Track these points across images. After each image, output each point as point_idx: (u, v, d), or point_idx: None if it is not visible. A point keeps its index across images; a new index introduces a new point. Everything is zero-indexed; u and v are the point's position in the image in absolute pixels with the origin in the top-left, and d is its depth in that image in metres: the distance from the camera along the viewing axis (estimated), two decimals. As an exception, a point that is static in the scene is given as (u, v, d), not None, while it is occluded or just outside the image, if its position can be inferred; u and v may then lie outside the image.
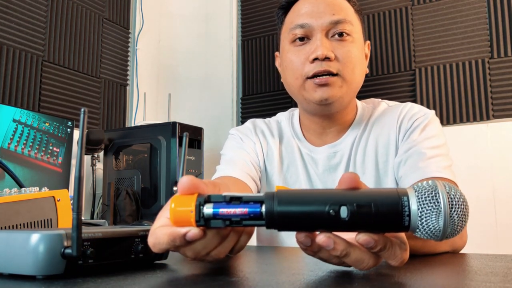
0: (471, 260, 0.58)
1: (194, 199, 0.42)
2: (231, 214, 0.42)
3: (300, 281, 0.41)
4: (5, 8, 2.02)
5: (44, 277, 0.40)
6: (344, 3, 0.94)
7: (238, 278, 0.41)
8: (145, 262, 0.50)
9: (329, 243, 0.41)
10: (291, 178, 0.99)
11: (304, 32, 0.91)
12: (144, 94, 2.75)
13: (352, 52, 0.90)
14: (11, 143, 1.78)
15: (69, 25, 2.32)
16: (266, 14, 2.72)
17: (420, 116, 0.94)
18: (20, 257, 0.40)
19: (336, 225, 0.41)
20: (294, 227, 0.42)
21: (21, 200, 0.67)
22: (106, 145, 2.21)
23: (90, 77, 2.43)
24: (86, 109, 0.40)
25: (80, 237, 0.40)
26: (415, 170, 0.85)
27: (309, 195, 0.42)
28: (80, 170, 0.41)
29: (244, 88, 2.74)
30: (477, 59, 2.14)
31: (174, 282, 0.40)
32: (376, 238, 0.41)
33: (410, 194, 0.41)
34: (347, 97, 0.92)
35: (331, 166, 0.97)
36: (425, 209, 0.40)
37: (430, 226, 0.40)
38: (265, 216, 0.41)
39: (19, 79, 2.06)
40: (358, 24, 0.95)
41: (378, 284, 0.39)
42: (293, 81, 0.93)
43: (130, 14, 2.75)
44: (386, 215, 0.40)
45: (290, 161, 1.00)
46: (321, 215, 0.40)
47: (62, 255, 0.40)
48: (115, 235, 0.46)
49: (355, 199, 0.41)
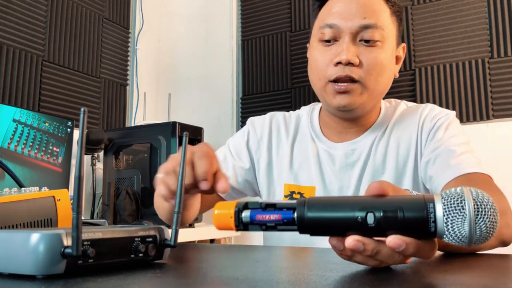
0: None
1: (233, 205, 0.47)
2: (266, 219, 0.45)
3: (300, 281, 0.41)
4: (5, 8, 2.02)
5: (44, 276, 0.40)
6: (380, 5, 0.90)
7: (238, 278, 0.41)
8: (145, 262, 0.50)
9: (358, 245, 0.43)
10: (303, 176, 0.98)
11: (332, 34, 0.89)
12: (144, 94, 2.75)
13: (379, 58, 0.88)
14: (11, 143, 1.78)
15: (69, 25, 2.32)
16: (266, 14, 2.72)
17: (442, 116, 0.93)
18: (20, 257, 0.40)
19: (364, 231, 0.43)
20: (324, 232, 0.45)
21: (21, 200, 0.67)
22: (106, 145, 2.21)
23: (90, 77, 2.43)
24: (86, 108, 0.40)
25: (80, 237, 0.40)
26: (447, 168, 0.84)
27: (337, 202, 0.45)
28: (80, 169, 0.41)
29: (244, 88, 2.74)
30: (477, 59, 2.14)
31: (174, 282, 0.40)
32: (408, 241, 0.42)
33: (436, 200, 0.42)
34: (369, 104, 0.91)
35: (348, 164, 0.95)
36: (450, 216, 0.41)
37: (456, 232, 0.41)
38: (297, 222, 0.45)
39: (19, 79, 2.06)
40: (391, 28, 0.91)
41: (377, 284, 0.39)
42: (316, 81, 0.93)
43: (130, 14, 2.75)
44: (412, 221, 0.41)
45: (304, 159, 0.99)
46: (349, 221, 0.43)
47: (62, 255, 0.40)
48: (115, 234, 0.46)
49: (382, 206, 0.42)
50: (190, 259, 0.60)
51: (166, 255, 0.53)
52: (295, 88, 2.56)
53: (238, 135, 1.08)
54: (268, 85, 2.66)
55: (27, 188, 0.71)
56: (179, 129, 2.05)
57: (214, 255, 0.65)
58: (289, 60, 2.61)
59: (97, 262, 0.44)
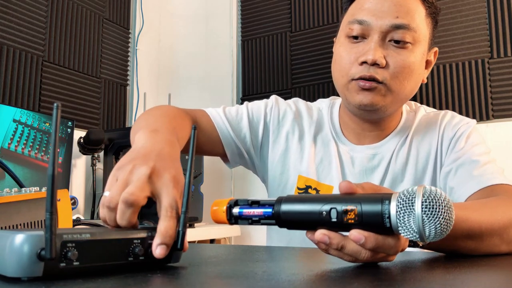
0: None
1: (227, 202, 0.53)
2: (251, 214, 0.51)
3: (300, 281, 0.41)
4: (5, 8, 2.02)
5: (28, 278, 0.39)
6: (415, 5, 0.85)
7: (238, 277, 0.42)
8: (150, 265, 0.47)
9: (324, 239, 0.47)
10: (323, 172, 0.94)
11: (361, 30, 0.85)
12: (144, 94, 2.75)
13: (407, 62, 0.84)
14: (11, 143, 1.78)
15: (69, 25, 2.32)
16: (266, 14, 2.72)
17: (463, 124, 0.91)
18: (1, 258, 0.40)
19: (329, 226, 0.47)
20: (298, 226, 0.49)
21: (21, 200, 0.67)
22: (106, 145, 2.21)
23: (90, 77, 2.43)
24: (60, 103, 0.39)
25: (53, 238, 0.38)
26: (470, 179, 0.82)
27: (308, 199, 0.49)
28: (54, 167, 0.39)
29: (244, 88, 2.74)
30: (477, 59, 2.14)
31: (174, 281, 0.40)
32: (366, 235, 0.45)
33: (392, 198, 0.45)
34: (392, 107, 0.88)
35: (368, 168, 0.92)
36: (401, 212, 0.44)
37: (409, 228, 0.44)
38: (274, 216, 0.50)
39: (19, 79, 2.06)
40: (425, 30, 0.86)
41: (378, 284, 0.39)
42: (339, 77, 0.89)
43: (130, 14, 2.75)
44: (369, 217, 0.45)
45: (325, 155, 0.95)
46: (316, 216, 0.47)
47: (38, 257, 0.39)
48: (106, 236, 0.44)
49: (343, 203, 0.46)
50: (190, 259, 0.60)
51: (177, 258, 0.49)
52: (295, 88, 2.56)
53: (258, 104, 1.01)
54: (268, 85, 2.66)
55: (27, 188, 0.71)
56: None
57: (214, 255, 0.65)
58: (289, 60, 2.61)
59: (85, 264, 0.42)
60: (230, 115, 0.98)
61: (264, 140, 0.99)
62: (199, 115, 0.96)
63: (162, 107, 0.89)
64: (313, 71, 2.52)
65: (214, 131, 0.96)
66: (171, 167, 0.54)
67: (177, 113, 0.86)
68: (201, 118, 0.96)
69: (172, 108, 0.89)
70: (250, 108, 1.00)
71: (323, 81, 2.48)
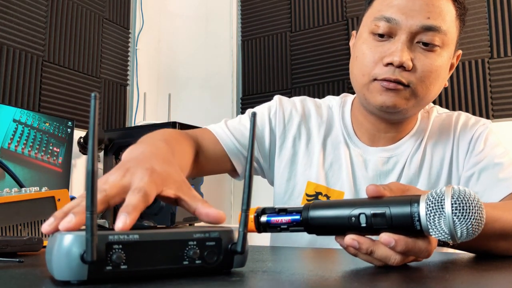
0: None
1: (254, 210, 0.54)
2: (280, 222, 0.52)
3: (300, 281, 0.41)
4: (5, 8, 2.02)
5: (78, 282, 0.37)
6: (447, 5, 0.79)
7: (238, 277, 0.41)
8: (209, 271, 0.42)
9: (353, 243, 0.47)
10: (333, 177, 0.89)
11: (388, 29, 0.79)
12: (144, 94, 2.75)
13: (435, 66, 0.79)
14: (11, 143, 1.78)
15: (69, 25, 2.32)
16: (266, 14, 2.72)
17: (479, 126, 0.88)
18: (49, 259, 0.38)
19: (359, 231, 0.47)
20: (327, 232, 0.50)
21: (21, 200, 0.67)
22: (106, 145, 2.21)
23: (90, 77, 2.43)
24: (97, 93, 0.35)
25: (93, 240, 0.35)
26: (497, 183, 0.80)
27: (336, 204, 0.49)
28: (93, 162, 0.36)
29: (244, 87, 2.74)
30: (477, 59, 2.14)
31: (174, 281, 0.40)
32: (397, 238, 0.45)
33: (421, 199, 0.45)
34: (413, 110, 0.84)
35: (383, 172, 0.88)
36: (432, 214, 0.44)
37: (439, 229, 0.44)
38: (303, 223, 0.50)
39: (19, 79, 2.06)
40: (454, 33, 0.82)
41: (377, 283, 0.39)
42: (359, 76, 0.83)
43: (130, 14, 2.75)
44: (398, 220, 0.45)
45: (335, 158, 0.90)
46: (345, 221, 0.48)
47: (81, 259, 0.36)
48: (156, 237, 0.39)
49: (372, 207, 0.47)
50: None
51: (241, 263, 0.44)
52: (295, 88, 2.56)
53: (261, 111, 0.96)
54: (268, 85, 2.66)
55: (27, 188, 0.71)
56: (179, 129, 2.05)
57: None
58: (289, 60, 2.61)
59: (133, 269, 0.38)
60: (233, 127, 0.94)
61: (272, 147, 0.95)
62: (200, 135, 0.91)
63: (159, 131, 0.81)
64: (313, 71, 2.52)
65: (219, 147, 0.91)
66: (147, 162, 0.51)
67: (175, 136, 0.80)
68: (202, 136, 0.91)
69: (171, 132, 0.83)
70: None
71: (323, 81, 2.48)
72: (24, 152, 1.82)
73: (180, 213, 2.01)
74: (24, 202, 0.67)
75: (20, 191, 0.70)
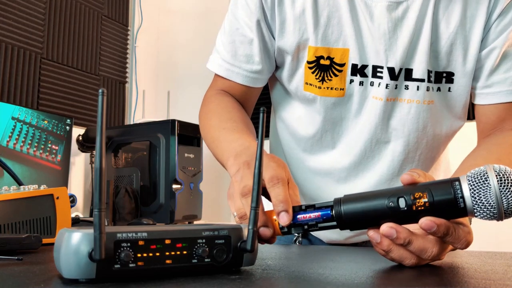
0: (470, 258, 0.58)
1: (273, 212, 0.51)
2: (307, 219, 0.49)
3: (300, 279, 0.41)
4: (4, 5, 2.02)
5: (87, 280, 0.36)
6: None
7: (238, 276, 0.41)
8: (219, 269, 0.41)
9: (391, 232, 0.44)
10: (333, 35, 0.74)
11: None
12: (143, 91, 2.74)
13: None
14: (10, 140, 1.77)
15: (68, 22, 2.32)
16: (265, 11, 2.71)
17: None
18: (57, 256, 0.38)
19: (397, 217, 0.45)
20: (361, 224, 0.47)
21: (20, 198, 0.67)
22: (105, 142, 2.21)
23: (89, 74, 2.43)
24: (105, 89, 0.35)
25: (102, 238, 0.35)
26: None
27: (370, 194, 0.48)
28: (101, 159, 0.35)
29: (243, 85, 2.73)
30: (476, 56, 2.13)
31: (173, 281, 0.40)
32: (438, 222, 0.43)
33: (462, 179, 0.44)
34: None
35: (391, 20, 0.72)
36: (476, 190, 0.43)
37: (485, 204, 0.43)
38: (335, 217, 0.48)
39: (18, 76, 2.05)
40: None
41: (377, 283, 0.39)
42: None
43: (129, 11, 2.75)
44: (441, 201, 0.44)
45: (332, 10, 0.74)
46: (382, 208, 0.45)
47: (90, 258, 0.36)
48: (165, 235, 0.39)
49: (411, 191, 0.45)
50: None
51: (251, 261, 0.43)
52: (294, 85, 2.56)
53: (238, 13, 0.85)
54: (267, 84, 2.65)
55: (26, 186, 0.71)
56: (178, 127, 2.05)
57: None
58: (288, 58, 2.60)
59: (141, 267, 0.38)
60: (233, 55, 0.91)
61: (266, 22, 0.81)
62: (226, 88, 0.94)
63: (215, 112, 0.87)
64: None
65: (244, 87, 0.91)
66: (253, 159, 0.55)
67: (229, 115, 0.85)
68: (228, 90, 0.93)
69: (224, 108, 0.87)
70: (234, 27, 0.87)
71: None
72: (22, 150, 1.82)
73: (179, 211, 2.01)
74: (22, 200, 0.67)
75: (19, 189, 0.69)
